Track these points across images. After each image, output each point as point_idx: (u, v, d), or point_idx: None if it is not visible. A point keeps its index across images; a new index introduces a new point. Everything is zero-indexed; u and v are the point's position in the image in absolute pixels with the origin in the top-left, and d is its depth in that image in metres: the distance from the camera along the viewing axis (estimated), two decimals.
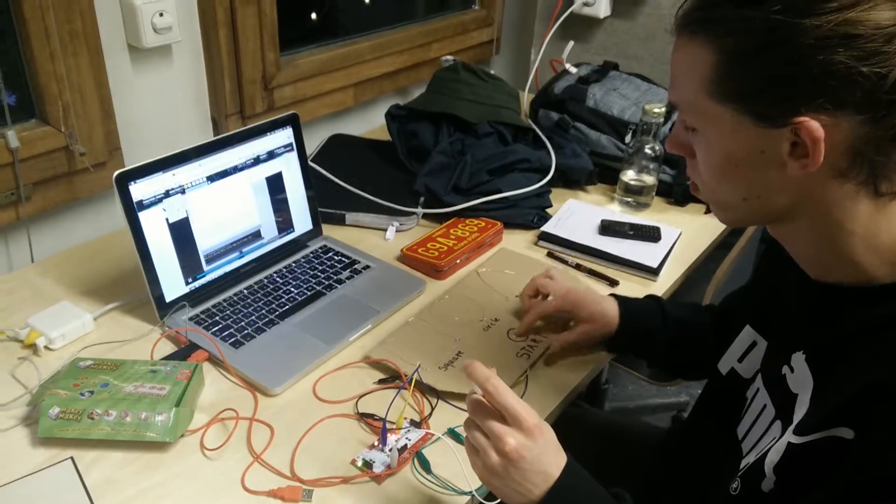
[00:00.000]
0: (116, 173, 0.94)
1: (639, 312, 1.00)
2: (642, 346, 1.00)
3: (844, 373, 0.62)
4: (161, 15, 1.21)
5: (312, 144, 1.55)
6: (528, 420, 0.67)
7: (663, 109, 1.34)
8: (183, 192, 1.01)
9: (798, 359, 0.68)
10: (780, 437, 0.66)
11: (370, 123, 1.75)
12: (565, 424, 1.09)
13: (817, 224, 0.64)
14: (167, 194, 0.99)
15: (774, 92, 0.59)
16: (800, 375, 0.68)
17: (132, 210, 0.96)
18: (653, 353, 1.01)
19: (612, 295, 1.02)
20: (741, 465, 0.73)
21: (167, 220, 1.00)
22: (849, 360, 0.62)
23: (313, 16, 1.62)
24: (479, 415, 0.69)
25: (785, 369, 0.70)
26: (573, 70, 1.62)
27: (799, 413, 0.65)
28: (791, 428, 0.64)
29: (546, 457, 0.68)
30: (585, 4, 1.83)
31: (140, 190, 0.96)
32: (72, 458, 0.81)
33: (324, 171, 1.39)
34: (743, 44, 0.59)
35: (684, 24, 0.64)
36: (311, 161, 1.42)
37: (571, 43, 1.70)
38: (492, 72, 1.58)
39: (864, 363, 0.60)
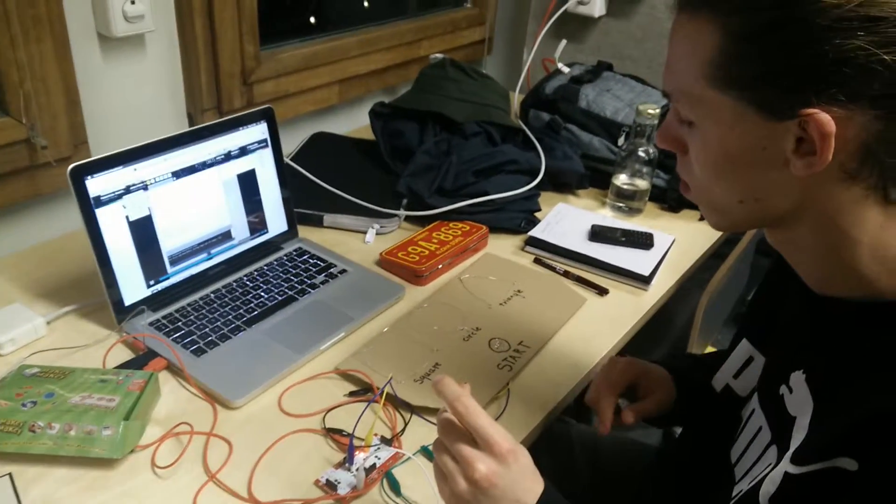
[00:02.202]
0: (71, 166, 0.88)
1: (678, 360, 0.91)
2: (698, 401, 0.87)
3: (847, 397, 0.56)
4: (132, 2, 1.15)
5: (294, 143, 1.49)
6: (500, 444, 0.61)
7: (658, 111, 1.28)
8: (145, 188, 0.95)
9: (797, 378, 0.63)
10: (776, 464, 0.61)
11: (355, 122, 1.69)
12: (551, 442, 1.03)
13: (820, 231, 0.58)
14: (128, 190, 0.93)
15: (782, 79, 0.53)
16: (799, 397, 0.62)
17: (89, 206, 0.90)
18: (700, 391, 0.88)
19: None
20: (734, 493, 0.67)
21: (127, 217, 0.94)
22: (852, 384, 0.56)
23: (298, 9, 1.56)
24: (448, 436, 0.63)
25: (783, 389, 0.65)
26: (566, 70, 1.56)
27: (797, 438, 0.59)
28: (788, 455, 0.59)
29: (520, 485, 0.61)
30: (580, 3, 1.78)
31: (97, 185, 0.90)
32: (10, 475, 0.75)
33: (302, 170, 1.33)
34: (750, 23, 0.53)
35: (685, 2, 0.58)
36: (291, 160, 1.37)
37: (564, 42, 1.64)
38: (482, 70, 1.52)
39: (870, 389, 0.54)
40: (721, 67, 0.55)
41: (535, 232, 1.24)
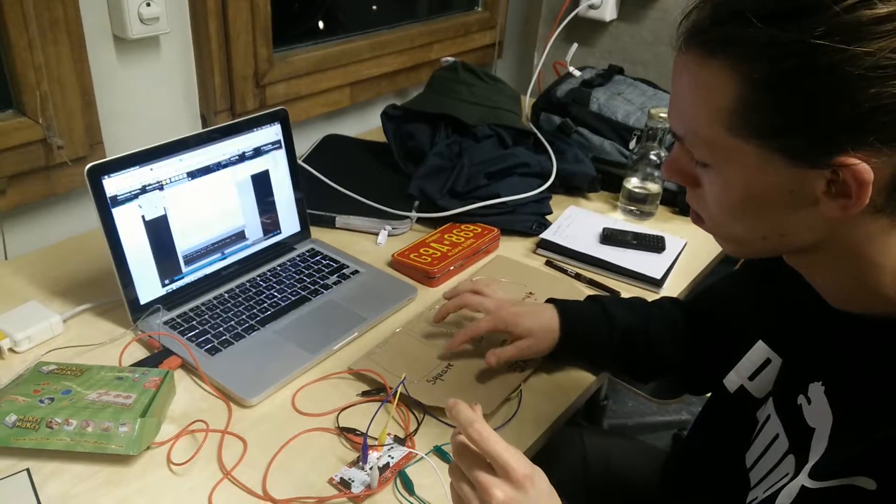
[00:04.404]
0: (88, 166, 0.88)
1: (581, 321, 0.92)
2: (588, 355, 0.94)
3: (869, 415, 0.56)
4: (148, 5, 1.16)
5: (306, 145, 1.50)
6: (517, 470, 0.59)
7: None
8: (161, 188, 0.96)
9: (816, 390, 0.62)
10: (794, 475, 0.60)
11: (367, 125, 1.70)
12: (563, 445, 1.03)
13: (843, 257, 0.58)
14: (144, 190, 0.94)
15: (814, 129, 0.51)
16: (818, 408, 0.61)
17: (105, 206, 0.90)
18: (600, 361, 0.95)
19: (550, 300, 0.95)
20: (749, 499, 0.67)
21: (143, 217, 0.94)
22: (874, 402, 0.56)
23: (310, 12, 1.57)
24: (464, 461, 0.62)
25: (801, 399, 0.64)
26: (577, 73, 1.57)
27: (816, 451, 0.59)
28: (806, 469, 0.58)
29: None
30: (591, 7, 1.78)
31: (114, 184, 0.91)
32: (27, 470, 0.75)
33: (314, 172, 1.34)
34: (776, 71, 0.50)
35: (696, 42, 0.55)
36: (304, 161, 1.37)
37: (575, 45, 1.65)
38: (493, 73, 1.53)
39: (891, 408, 0.54)
40: (741, 116, 0.53)
41: (547, 234, 1.24)
